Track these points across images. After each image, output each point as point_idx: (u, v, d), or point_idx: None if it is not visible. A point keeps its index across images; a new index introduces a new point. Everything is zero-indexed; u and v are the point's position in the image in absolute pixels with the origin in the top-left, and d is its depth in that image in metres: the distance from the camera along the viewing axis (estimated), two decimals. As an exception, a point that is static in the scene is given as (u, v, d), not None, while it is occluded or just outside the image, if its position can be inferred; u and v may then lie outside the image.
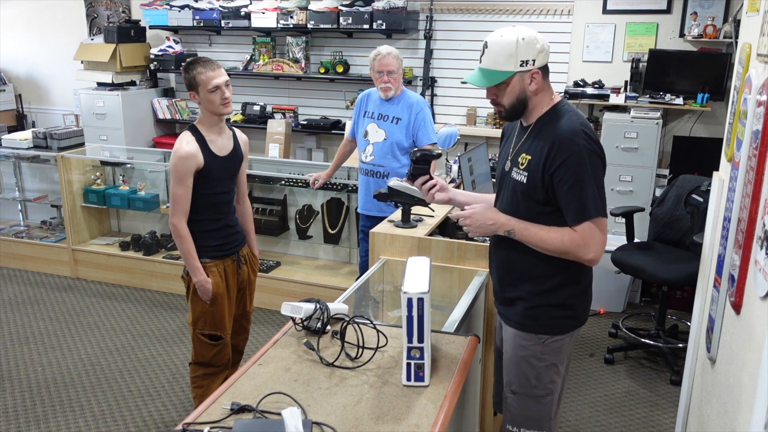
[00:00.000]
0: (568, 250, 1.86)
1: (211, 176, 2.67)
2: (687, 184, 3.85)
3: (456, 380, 1.79)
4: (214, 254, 2.76)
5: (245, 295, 2.97)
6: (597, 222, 1.83)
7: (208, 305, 2.75)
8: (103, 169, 5.15)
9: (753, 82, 1.91)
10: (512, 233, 1.93)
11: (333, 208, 4.65)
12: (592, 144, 1.84)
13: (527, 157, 1.91)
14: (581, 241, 1.83)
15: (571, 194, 1.83)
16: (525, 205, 1.94)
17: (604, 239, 1.85)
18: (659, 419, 3.26)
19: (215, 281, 2.75)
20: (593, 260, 1.87)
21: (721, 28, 4.32)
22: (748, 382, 1.62)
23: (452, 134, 3.66)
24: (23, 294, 4.68)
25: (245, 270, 2.92)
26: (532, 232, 1.91)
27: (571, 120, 1.87)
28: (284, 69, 5.35)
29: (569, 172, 1.82)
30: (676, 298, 4.35)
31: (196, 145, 2.63)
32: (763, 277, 1.54)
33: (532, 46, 1.86)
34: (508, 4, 4.85)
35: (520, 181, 1.94)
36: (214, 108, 2.64)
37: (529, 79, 1.89)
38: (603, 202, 1.84)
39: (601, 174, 1.87)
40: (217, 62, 2.68)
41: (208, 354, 2.83)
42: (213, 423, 1.56)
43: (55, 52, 6.22)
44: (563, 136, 1.83)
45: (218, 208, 2.77)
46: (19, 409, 3.27)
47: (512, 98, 1.91)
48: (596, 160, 1.85)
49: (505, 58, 1.86)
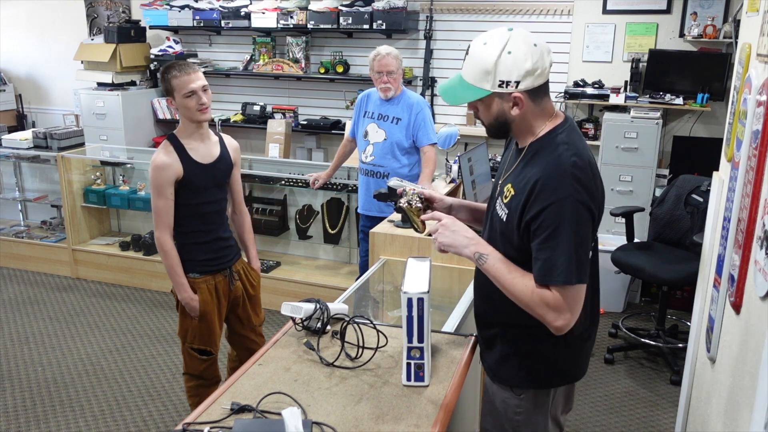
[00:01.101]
0: (532, 307, 1.54)
1: (193, 185, 2.56)
2: (687, 184, 3.86)
3: (456, 380, 1.79)
4: (203, 269, 2.64)
5: (246, 311, 2.83)
6: (566, 290, 1.50)
7: (196, 321, 2.66)
8: (103, 169, 5.15)
9: (753, 82, 1.91)
10: (483, 259, 1.61)
11: (333, 208, 4.66)
12: (581, 191, 1.49)
13: (511, 191, 1.59)
14: (550, 304, 1.51)
15: (540, 250, 1.51)
16: (502, 245, 1.63)
17: (574, 307, 1.52)
18: (659, 419, 3.26)
19: (203, 299, 2.62)
20: (559, 328, 1.53)
21: (721, 28, 4.32)
22: (748, 382, 1.62)
23: (452, 134, 3.66)
24: (23, 294, 4.68)
25: (238, 286, 2.77)
26: (503, 270, 1.58)
27: (563, 157, 1.51)
28: (284, 69, 5.35)
29: (544, 223, 1.49)
30: (676, 298, 4.35)
31: (174, 155, 2.52)
32: (763, 277, 1.54)
33: (518, 65, 1.50)
34: (508, 4, 4.84)
35: (500, 217, 1.64)
36: (190, 114, 2.51)
37: (510, 103, 1.55)
38: (580, 265, 1.49)
39: (586, 229, 1.52)
40: (195, 66, 2.56)
41: (198, 368, 2.75)
42: (213, 423, 1.57)
43: (55, 52, 6.22)
44: (547, 178, 1.50)
45: (207, 219, 2.64)
46: (19, 409, 3.27)
47: (491, 119, 1.60)
48: (581, 213, 1.49)
49: (481, 74, 1.54)
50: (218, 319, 2.72)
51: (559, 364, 1.71)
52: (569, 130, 1.60)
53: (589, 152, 1.58)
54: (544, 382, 1.72)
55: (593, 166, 1.56)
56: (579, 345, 1.71)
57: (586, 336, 1.72)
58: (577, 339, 1.69)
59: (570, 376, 1.75)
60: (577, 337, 1.68)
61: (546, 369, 1.70)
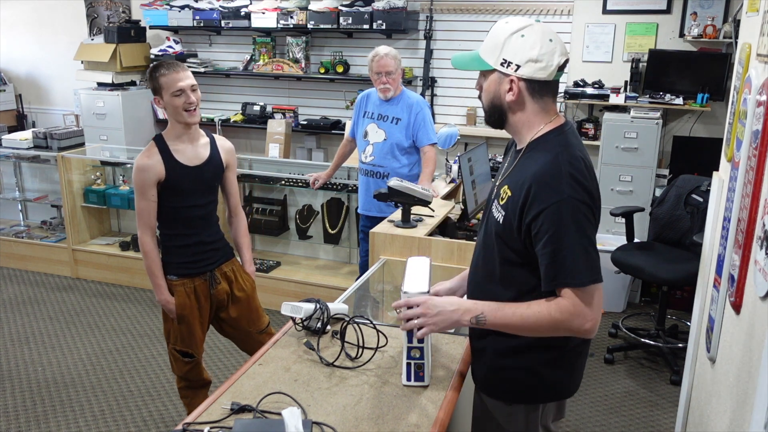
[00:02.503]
0: (557, 326, 1.49)
1: (177, 188, 2.52)
2: (687, 184, 3.86)
3: (456, 380, 1.79)
4: (181, 272, 2.60)
5: (231, 313, 2.74)
6: (581, 291, 1.46)
7: (175, 323, 2.64)
8: (103, 169, 5.15)
9: (753, 82, 1.91)
10: (482, 319, 1.55)
11: (333, 208, 4.66)
12: (580, 190, 1.47)
13: (508, 193, 1.55)
14: (571, 310, 1.46)
15: (544, 254, 1.47)
16: (499, 249, 1.59)
17: (596, 307, 1.49)
18: (659, 419, 3.26)
19: (180, 302, 2.59)
20: (589, 331, 1.49)
21: (720, 28, 4.32)
22: (747, 382, 1.62)
23: (452, 134, 3.67)
24: (23, 294, 4.68)
25: (221, 289, 2.69)
26: (508, 312, 1.53)
27: (559, 159, 1.49)
28: (284, 69, 5.35)
29: (545, 226, 1.46)
30: (676, 298, 4.35)
31: (157, 157, 2.48)
32: (762, 277, 1.54)
33: (524, 49, 1.50)
34: (508, 4, 4.85)
35: (497, 219, 1.59)
36: (177, 114, 2.48)
37: (507, 86, 1.54)
38: (591, 264, 1.46)
39: (590, 227, 1.48)
40: (184, 65, 2.54)
41: (182, 369, 2.73)
42: (213, 423, 1.57)
43: (55, 52, 6.22)
44: (542, 180, 1.47)
45: (191, 223, 2.59)
46: (19, 409, 3.27)
47: (488, 98, 1.59)
48: (582, 212, 1.46)
49: (491, 47, 1.55)
50: (199, 322, 2.67)
51: (552, 380, 1.66)
52: (568, 132, 1.57)
53: (586, 154, 1.57)
54: (534, 398, 1.68)
55: (590, 168, 1.54)
56: (573, 360, 1.67)
57: (580, 350, 1.67)
58: (572, 353, 1.65)
59: (562, 392, 1.71)
60: (572, 351, 1.64)
61: (537, 386, 1.66)
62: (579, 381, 1.73)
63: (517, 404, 1.69)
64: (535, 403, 1.69)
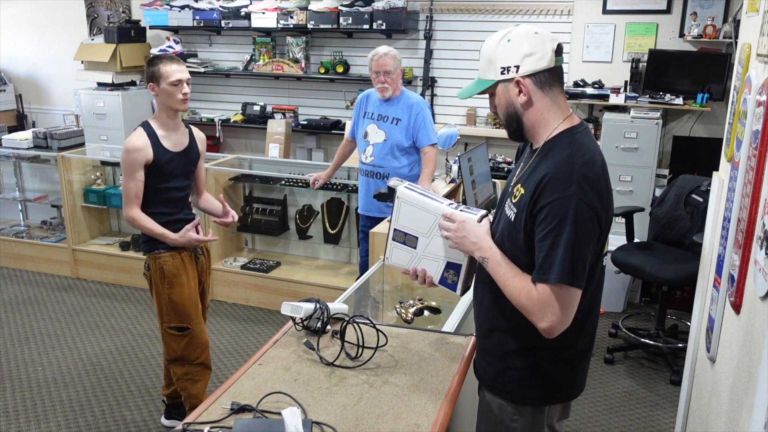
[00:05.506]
0: (523, 306, 1.53)
1: (162, 170, 2.73)
2: (687, 184, 3.86)
3: (456, 380, 1.79)
4: (168, 246, 2.81)
5: (204, 291, 3.02)
6: (559, 289, 1.46)
7: (167, 298, 2.80)
8: (103, 169, 5.15)
9: (753, 82, 1.91)
10: (484, 262, 1.63)
11: (333, 208, 4.66)
12: (588, 193, 1.46)
13: (521, 191, 1.57)
14: (537, 302, 1.49)
15: (541, 247, 1.49)
16: (509, 247, 1.61)
17: (563, 310, 1.48)
18: (659, 419, 3.26)
19: (173, 264, 2.80)
20: (545, 330, 1.50)
21: (720, 28, 4.32)
22: (748, 382, 1.62)
23: (452, 134, 3.66)
24: (23, 294, 4.68)
25: (202, 262, 2.97)
26: (501, 270, 1.59)
27: (573, 157, 1.50)
28: (284, 69, 5.35)
29: (546, 219, 1.47)
30: (676, 298, 4.35)
31: (145, 140, 2.69)
32: (762, 277, 1.54)
33: (515, 50, 1.52)
34: (508, 4, 4.85)
35: (509, 217, 1.60)
36: (171, 102, 2.69)
37: (515, 90, 1.55)
38: (576, 268, 1.46)
39: (588, 233, 1.48)
40: (181, 60, 2.77)
41: (178, 347, 2.88)
42: (213, 423, 1.57)
43: (55, 52, 6.22)
44: (555, 175, 1.48)
45: (172, 203, 2.83)
46: (20, 409, 3.27)
47: (503, 110, 1.61)
48: (586, 214, 1.46)
49: (486, 65, 1.58)
50: (189, 291, 2.86)
51: (558, 382, 1.68)
52: (584, 132, 1.58)
53: (602, 157, 1.56)
54: (540, 400, 1.69)
55: (605, 171, 1.54)
56: (578, 360, 1.68)
57: (586, 349, 1.69)
58: (578, 354, 1.67)
59: (568, 394, 1.73)
60: (578, 352, 1.66)
61: (544, 387, 1.67)
62: (584, 382, 1.76)
63: (523, 404, 1.70)
64: (542, 405, 1.71)
